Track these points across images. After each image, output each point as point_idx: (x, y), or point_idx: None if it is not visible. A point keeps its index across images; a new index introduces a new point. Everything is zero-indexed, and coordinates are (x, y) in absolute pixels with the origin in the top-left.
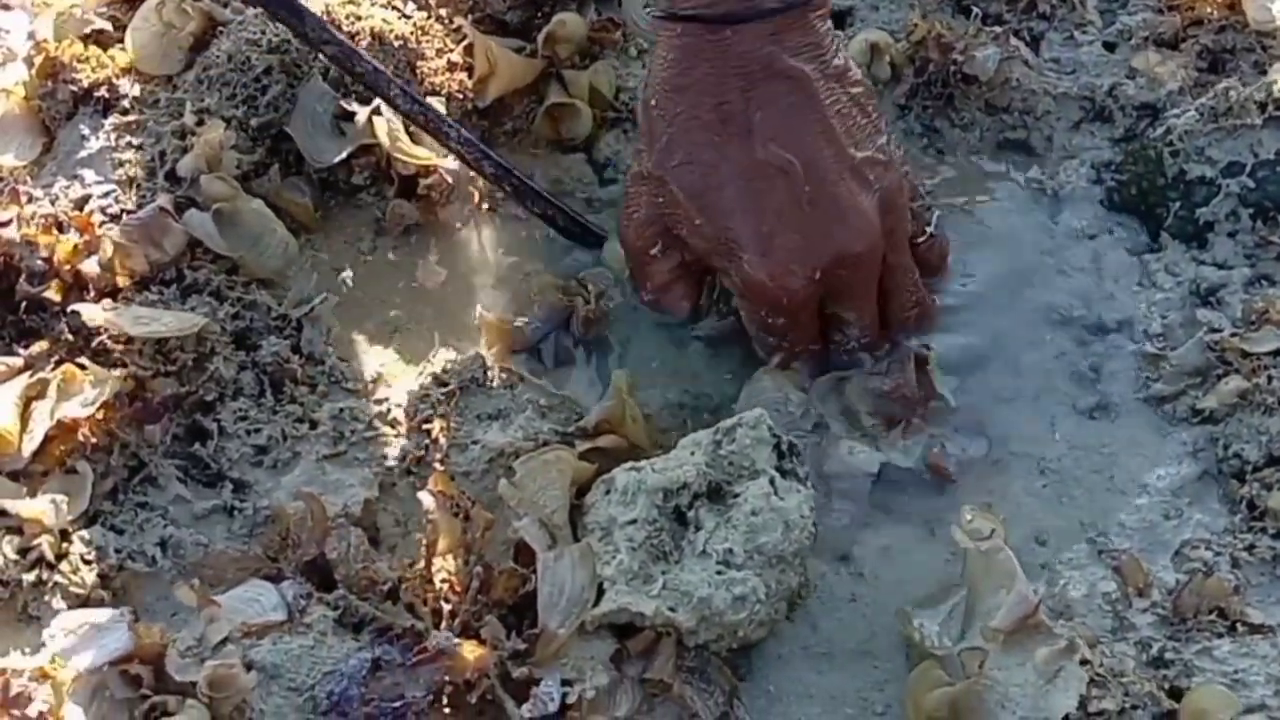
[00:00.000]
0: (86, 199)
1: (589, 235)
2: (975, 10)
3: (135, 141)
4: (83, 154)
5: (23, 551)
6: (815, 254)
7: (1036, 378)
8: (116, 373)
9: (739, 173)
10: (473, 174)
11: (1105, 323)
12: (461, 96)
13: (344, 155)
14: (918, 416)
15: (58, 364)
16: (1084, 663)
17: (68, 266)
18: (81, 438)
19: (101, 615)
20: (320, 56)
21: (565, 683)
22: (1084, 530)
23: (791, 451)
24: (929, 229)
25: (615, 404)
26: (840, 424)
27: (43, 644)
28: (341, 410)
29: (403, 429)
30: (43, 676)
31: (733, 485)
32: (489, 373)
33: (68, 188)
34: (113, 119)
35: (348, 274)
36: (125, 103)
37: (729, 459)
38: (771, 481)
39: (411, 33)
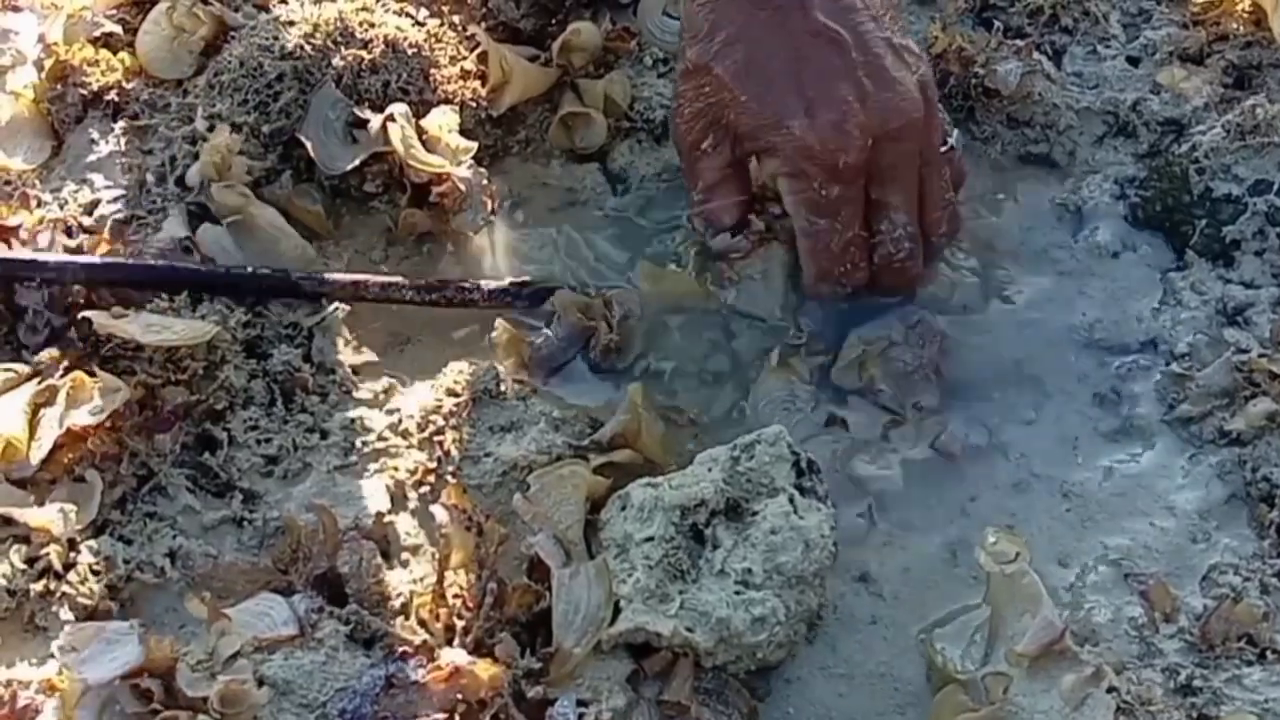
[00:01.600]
0: (95, 203)
1: (541, 295)
2: (996, 23)
3: (145, 146)
4: (92, 158)
5: (30, 561)
6: (868, 118)
7: (1059, 398)
8: (126, 381)
9: (788, 43)
10: (485, 181)
11: (1129, 342)
12: (475, 105)
13: (356, 163)
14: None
15: (67, 371)
16: (1111, 690)
17: None
18: (90, 446)
19: (111, 627)
20: None
21: (581, 703)
22: (1109, 553)
23: (811, 469)
24: (950, 140)
25: (630, 418)
26: (857, 412)
27: (50, 655)
28: (353, 420)
29: (414, 440)
30: (50, 689)
31: (751, 503)
32: (502, 384)
33: (76, 192)
34: (122, 123)
35: None
36: (135, 107)
37: (747, 476)
38: (791, 499)
39: (425, 40)
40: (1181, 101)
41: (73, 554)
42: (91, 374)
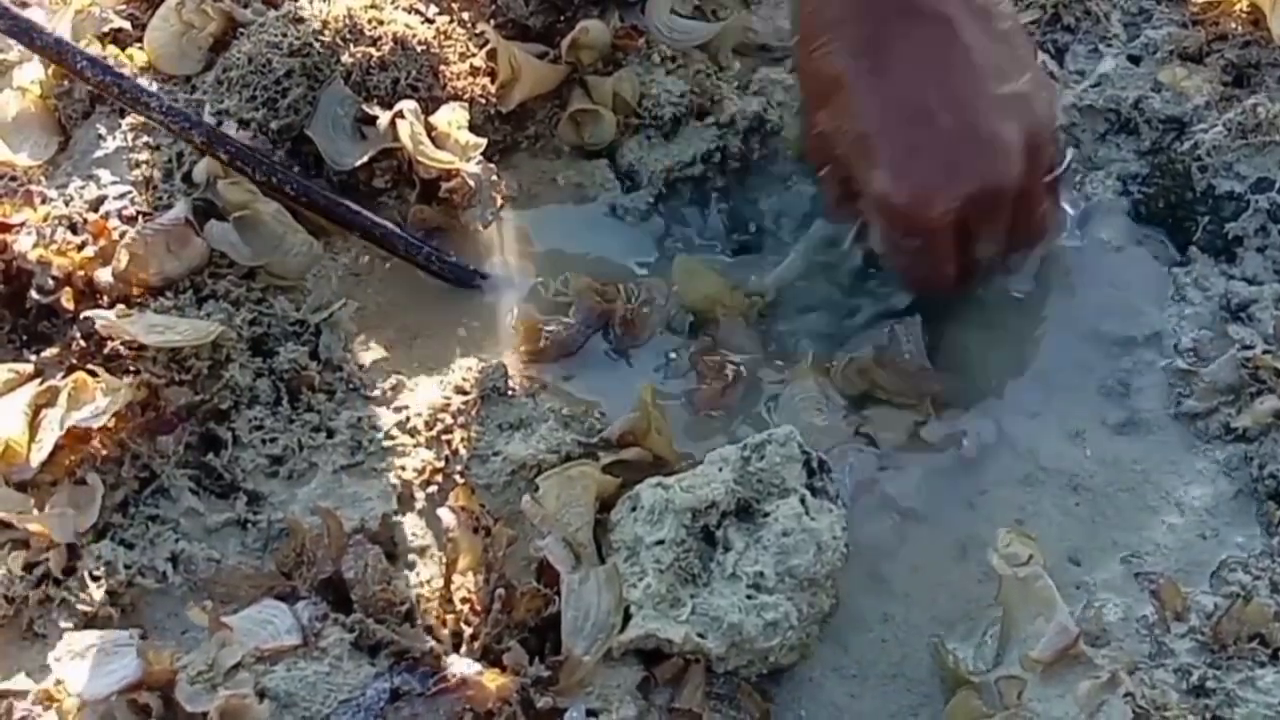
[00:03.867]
0: (102, 200)
1: (466, 277)
2: None
3: (152, 142)
4: (99, 154)
5: (29, 567)
6: (955, 185)
7: (1065, 393)
8: (129, 381)
9: (878, 99)
10: (495, 177)
11: (1134, 337)
12: (484, 101)
13: (365, 159)
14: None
15: (69, 371)
16: (1127, 695)
17: (81, 273)
18: (92, 448)
19: (109, 637)
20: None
21: (591, 713)
22: (1118, 549)
23: (822, 468)
24: (1062, 163)
25: (640, 416)
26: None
27: (48, 665)
28: (360, 419)
29: (422, 439)
30: (48, 700)
31: (762, 504)
32: (510, 380)
33: (83, 188)
34: (130, 119)
35: (367, 278)
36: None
37: (758, 476)
38: (803, 500)
39: (434, 37)
40: (1183, 100)
41: (73, 559)
42: (94, 374)
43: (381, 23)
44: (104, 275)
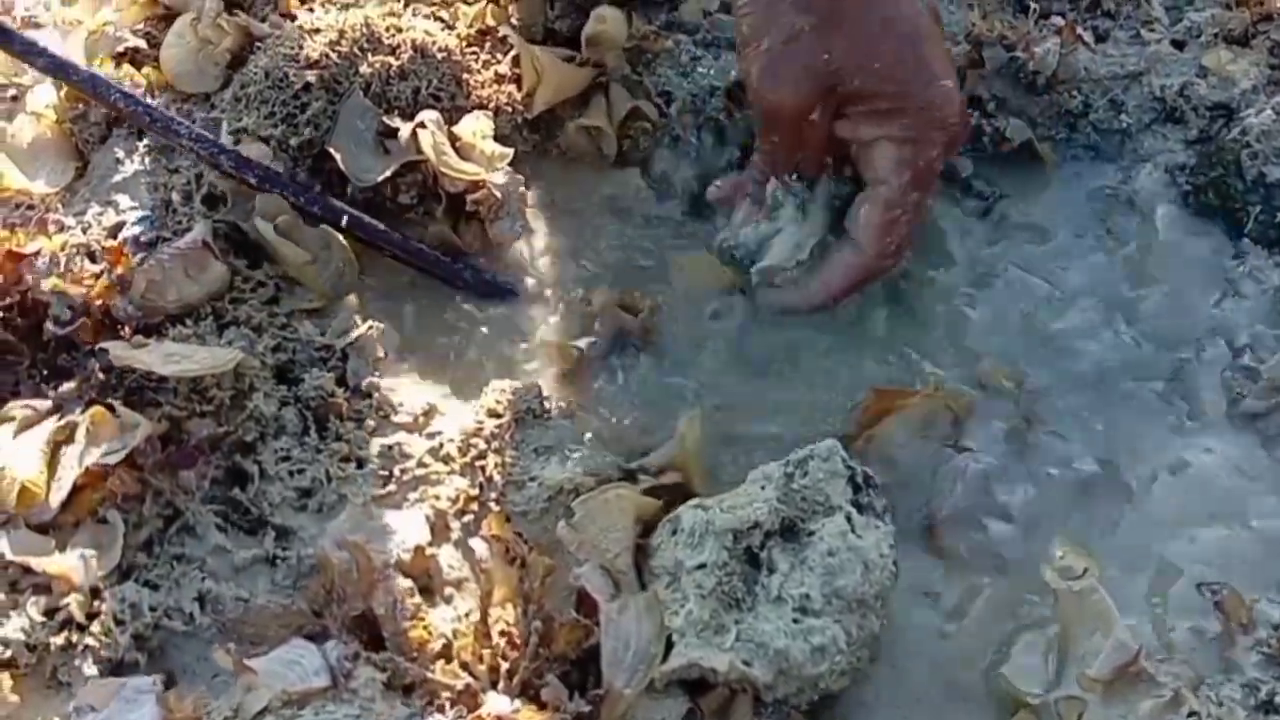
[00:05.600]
0: (120, 226)
1: (495, 289)
2: (1035, 7)
3: (171, 165)
4: (117, 178)
5: (50, 612)
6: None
7: (1118, 393)
8: (150, 414)
9: (910, 12)
10: (522, 189)
11: (1190, 333)
12: (510, 110)
13: (388, 173)
14: None
15: (88, 405)
16: (1191, 715)
17: (99, 302)
18: (112, 486)
19: (132, 684)
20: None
21: None
22: (1178, 559)
23: (868, 483)
24: None
25: (681, 450)
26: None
27: (71, 714)
28: (390, 447)
29: (456, 465)
30: None
31: (806, 522)
32: (545, 402)
33: (101, 214)
34: (147, 140)
35: (395, 298)
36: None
37: (801, 494)
38: (848, 518)
39: (456, 44)
40: (1229, 85)
41: (96, 603)
42: (112, 409)
43: (400, 30)
44: (121, 304)
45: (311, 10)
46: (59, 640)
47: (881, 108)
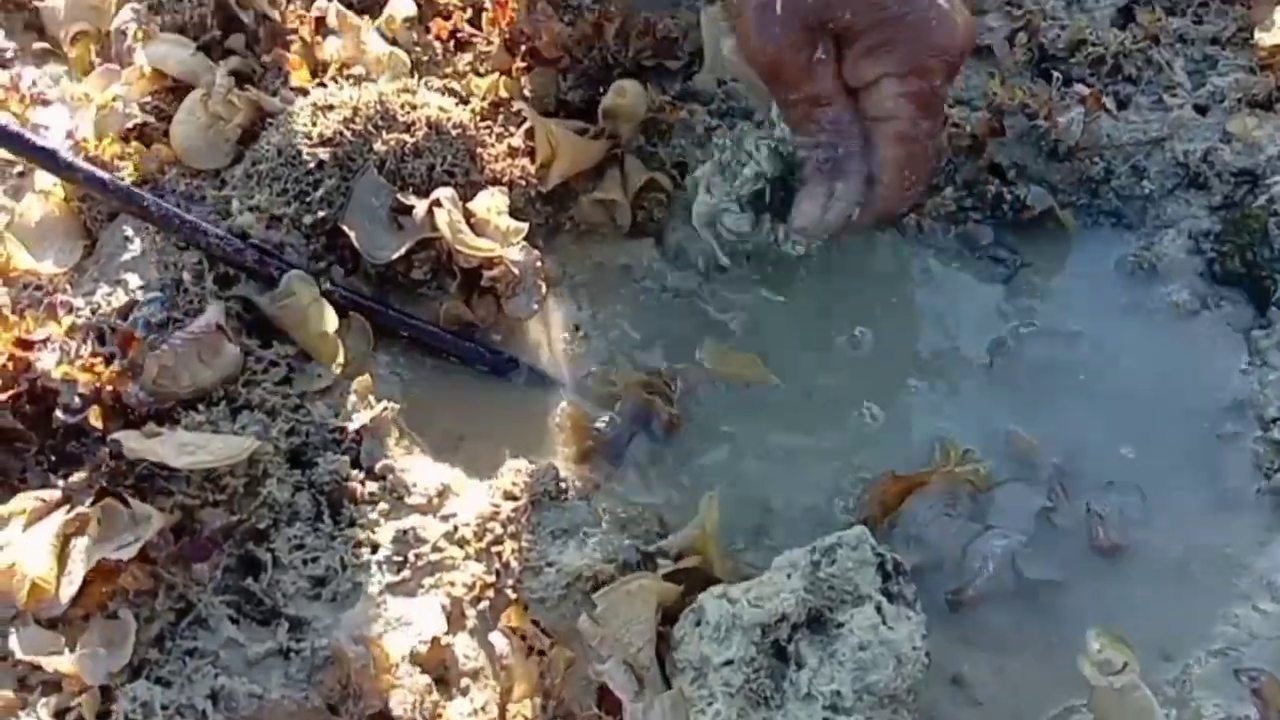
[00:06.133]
0: (130, 306)
1: (501, 364)
2: (1056, 75)
3: (181, 243)
4: (126, 257)
5: (60, 713)
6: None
7: (1146, 467)
8: (161, 503)
9: None
10: (539, 263)
11: (1216, 406)
12: (524, 183)
13: (403, 251)
14: None
15: (99, 495)
16: None
17: (109, 389)
18: (123, 582)
19: None
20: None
21: None
22: (1212, 641)
23: (898, 571)
24: None
25: (700, 533)
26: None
27: None
28: (405, 532)
29: (471, 550)
30: None
31: (835, 612)
32: (562, 483)
33: (110, 294)
34: None
35: (409, 377)
36: (171, 200)
37: (829, 583)
38: (878, 608)
39: (470, 119)
40: (1255, 151)
41: (107, 702)
42: (124, 500)
43: (415, 107)
44: (133, 390)
45: (324, 85)
46: None
47: (876, 42)
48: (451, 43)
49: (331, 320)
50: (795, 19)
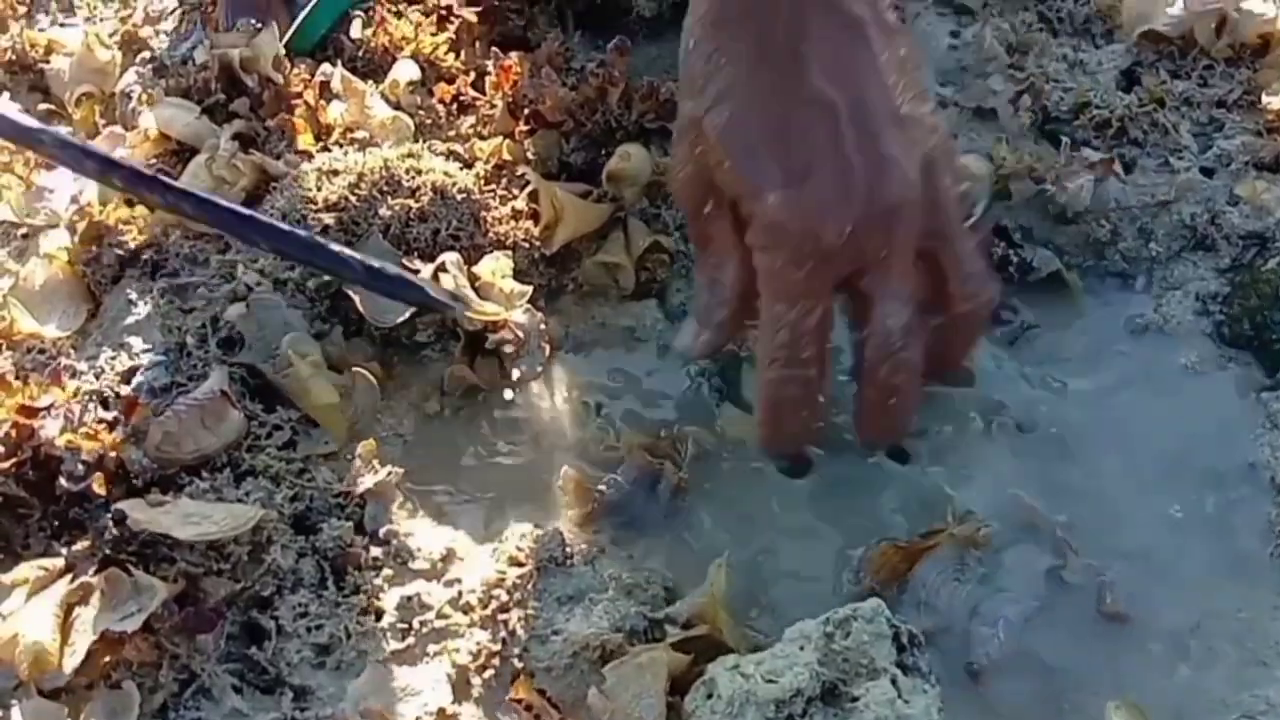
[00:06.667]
0: (133, 371)
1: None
2: (1065, 140)
3: (185, 305)
4: (129, 320)
5: None
6: (850, 203)
7: (1157, 530)
8: (164, 572)
9: (778, 106)
10: (543, 326)
11: (1228, 470)
12: (528, 245)
13: (407, 315)
14: None
15: (102, 564)
16: None
17: (113, 455)
18: (127, 654)
19: None
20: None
21: None
22: (1229, 711)
23: (913, 643)
24: (974, 213)
25: (709, 600)
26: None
27: None
28: (410, 598)
29: (476, 617)
30: None
31: (850, 685)
32: (568, 548)
33: (114, 359)
34: (161, 282)
35: (413, 439)
36: (175, 263)
37: (844, 655)
38: (894, 681)
39: (474, 183)
40: (1263, 214)
41: None
42: (127, 569)
43: (419, 172)
44: (136, 456)
45: (328, 150)
46: None
47: (743, 212)
48: (454, 106)
49: (332, 393)
50: (684, 169)
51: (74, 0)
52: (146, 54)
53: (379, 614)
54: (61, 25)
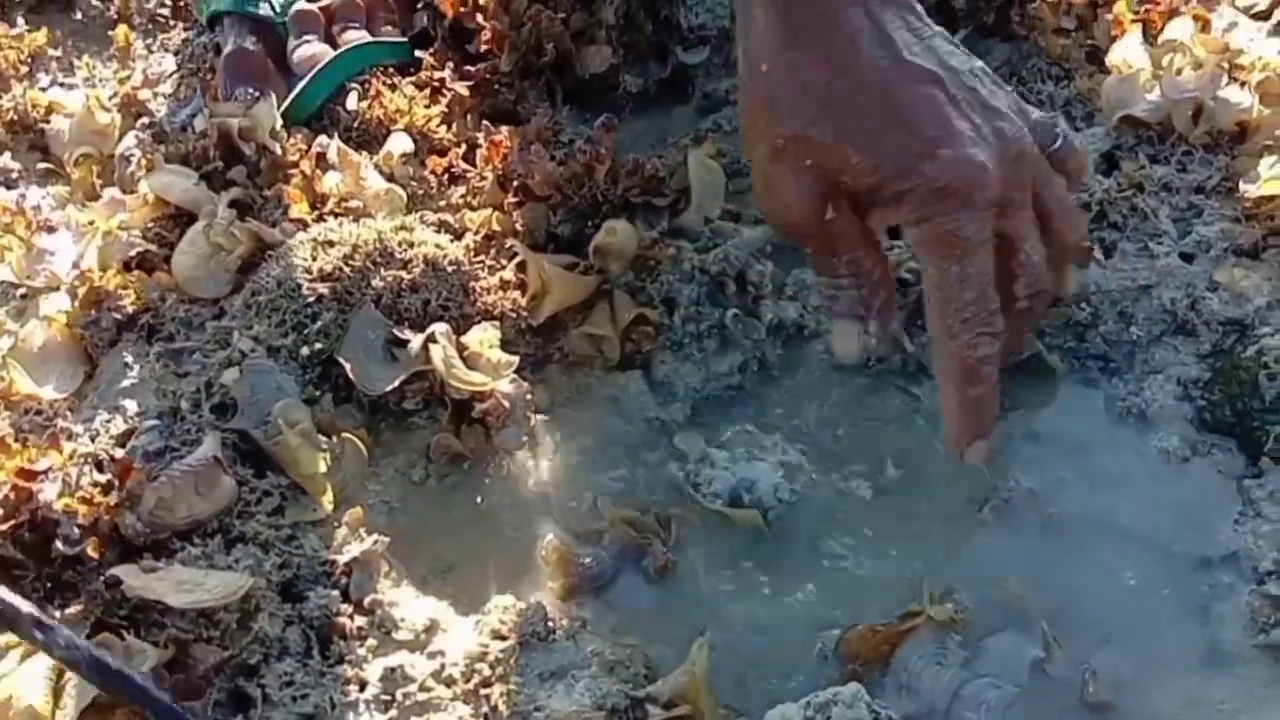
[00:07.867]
0: (128, 434)
1: None
2: None
3: (180, 369)
4: (125, 383)
5: None
6: (991, 153)
7: (1139, 618)
8: (154, 637)
9: (883, 92)
10: (529, 395)
11: (1209, 558)
12: (515, 315)
13: (397, 383)
14: None
15: (95, 628)
16: None
17: (107, 518)
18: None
19: None
20: None
21: None
22: None
23: None
24: (1058, 136)
25: (691, 679)
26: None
27: None
28: (394, 669)
29: (459, 690)
30: None
31: None
32: (550, 622)
33: (109, 421)
34: (157, 346)
35: (398, 506)
36: (170, 327)
37: None
38: None
39: (465, 255)
40: (1243, 301)
41: None
42: (120, 634)
43: (412, 244)
44: (130, 520)
45: (323, 219)
46: None
47: (887, 196)
48: (446, 177)
49: (320, 463)
50: (798, 190)
51: (73, 61)
52: (146, 119)
53: (363, 685)
54: (61, 84)
